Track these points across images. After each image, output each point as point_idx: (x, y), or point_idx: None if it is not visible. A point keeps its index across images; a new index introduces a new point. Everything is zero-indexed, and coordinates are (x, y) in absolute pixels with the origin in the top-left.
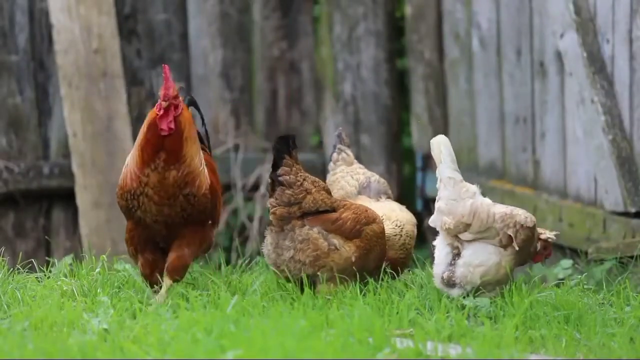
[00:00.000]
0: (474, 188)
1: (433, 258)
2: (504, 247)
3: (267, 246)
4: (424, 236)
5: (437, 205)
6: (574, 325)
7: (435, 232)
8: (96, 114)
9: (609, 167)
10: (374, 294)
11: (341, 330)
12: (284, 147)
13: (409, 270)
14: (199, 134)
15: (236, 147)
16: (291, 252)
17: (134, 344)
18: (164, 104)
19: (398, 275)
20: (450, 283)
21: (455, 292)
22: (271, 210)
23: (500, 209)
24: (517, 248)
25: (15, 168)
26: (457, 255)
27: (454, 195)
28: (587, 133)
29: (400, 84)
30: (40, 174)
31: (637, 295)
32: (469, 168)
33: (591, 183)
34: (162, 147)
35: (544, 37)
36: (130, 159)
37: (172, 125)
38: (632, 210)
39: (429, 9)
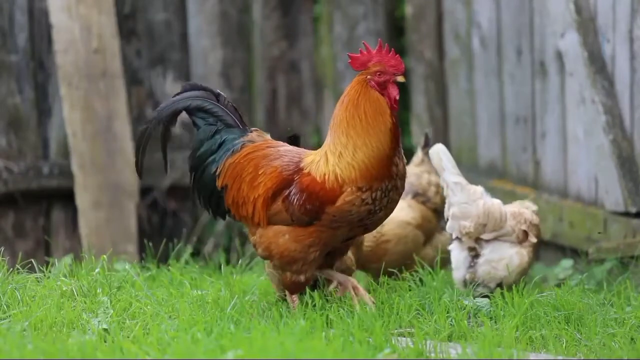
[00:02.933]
0: (480, 189)
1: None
2: (521, 242)
3: None
4: None
5: (450, 212)
6: (574, 325)
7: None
8: (96, 114)
9: (609, 167)
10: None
11: (341, 330)
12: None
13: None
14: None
15: None
16: None
17: (134, 344)
18: (401, 78)
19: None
20: (473, 284)
21: (478, 291)
22: None
23: (509, 208)
24: (534, 240)
25: (15, 168)
26: (475, 257)
27: (465, 198)
28: (588, 133)
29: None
30: (40, 173)
31: (637, 296)
32: (470, 168)
33: (592, 183)
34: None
35: (544, 36)
36: (354, 148)
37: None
38: (633, 210)
39: (429, 8)
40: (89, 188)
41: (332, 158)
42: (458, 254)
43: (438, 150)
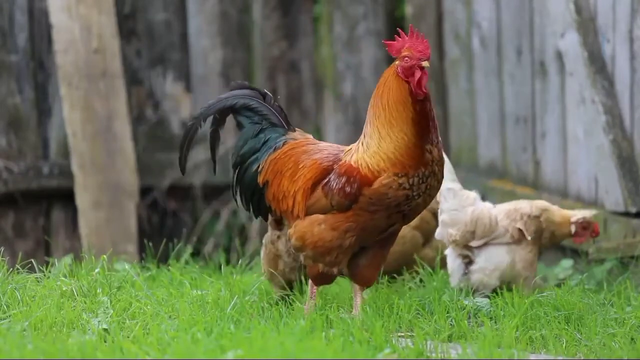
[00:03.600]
0: (473, 195)
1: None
2: (518, 242)
3: None
4: None
5: (440, 218)
6: (574, 325)
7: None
8: (96, 114)
9: (609, 167)
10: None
11: (341, 330)
12: None
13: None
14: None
15: None
16: None
17: (134, 344)
18: (426, 63)
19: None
20: (470, 290)
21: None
22: None
23: (504, 207)
24: (529, 238)
25: (15, 168)
26: (468, 263)
27: (455, 205)
28: (588, 133)
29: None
30: (40, 173)
31: (637, 296)
32: (469, 168)
33: (592, 183)
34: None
35: (544, 36)
36: (378, 139)
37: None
38: (633, 210)
39: (429, 8)
40: (89, 188)
41: (361, 148)
42: (452, 261)
43: None
